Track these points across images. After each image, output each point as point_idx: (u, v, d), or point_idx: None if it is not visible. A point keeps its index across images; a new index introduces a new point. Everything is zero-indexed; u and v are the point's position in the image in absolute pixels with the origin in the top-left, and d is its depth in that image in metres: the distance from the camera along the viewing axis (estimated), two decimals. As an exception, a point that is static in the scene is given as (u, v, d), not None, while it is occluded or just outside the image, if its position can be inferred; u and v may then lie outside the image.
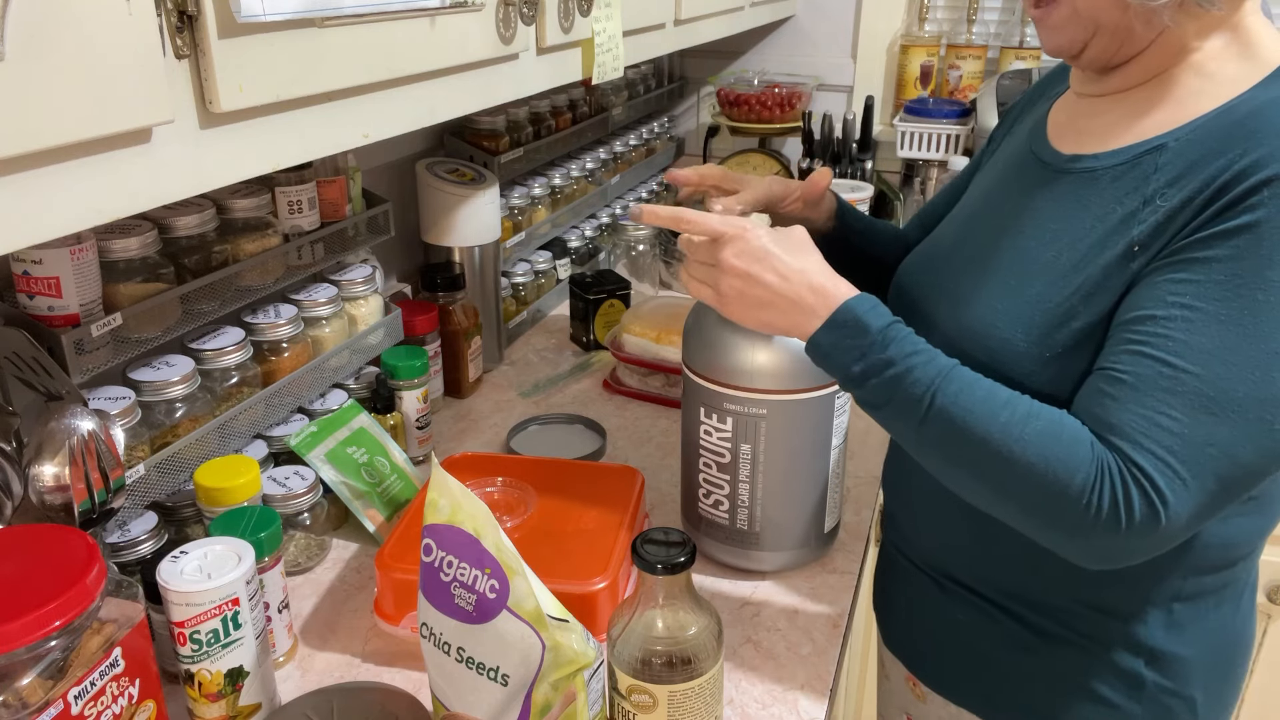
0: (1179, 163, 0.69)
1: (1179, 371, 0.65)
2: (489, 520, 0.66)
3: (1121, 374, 0.67)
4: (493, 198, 1.42)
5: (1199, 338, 0.65)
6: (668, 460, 1.24)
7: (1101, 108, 0.78)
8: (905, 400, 0.72)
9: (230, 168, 0.62)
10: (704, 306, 0.96)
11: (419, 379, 1.20)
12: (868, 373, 0.73)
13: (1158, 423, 0.65)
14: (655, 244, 1.78)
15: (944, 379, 0.71)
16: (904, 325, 0.75)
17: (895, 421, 0.74)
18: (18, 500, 0.73)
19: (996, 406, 0.69)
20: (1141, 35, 0.72)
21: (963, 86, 2.06)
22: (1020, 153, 0.85)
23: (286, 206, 1.07)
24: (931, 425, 0.71)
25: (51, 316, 0.81)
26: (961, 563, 0.87)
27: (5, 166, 0.47)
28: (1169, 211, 0.68)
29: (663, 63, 2.25)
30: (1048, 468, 0.66)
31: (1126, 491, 0.65)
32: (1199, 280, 0.65)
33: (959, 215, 0.90)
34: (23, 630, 0.57)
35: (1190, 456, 0.64)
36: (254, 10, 0.57)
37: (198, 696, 0.76)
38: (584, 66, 1.08)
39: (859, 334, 0.74)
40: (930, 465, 0.75)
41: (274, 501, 0.98)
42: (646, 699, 0.73)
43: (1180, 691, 0.81)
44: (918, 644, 0.96)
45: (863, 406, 0.76)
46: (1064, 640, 0.82)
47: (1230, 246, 0.64)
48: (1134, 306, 0.68)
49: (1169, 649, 0.80)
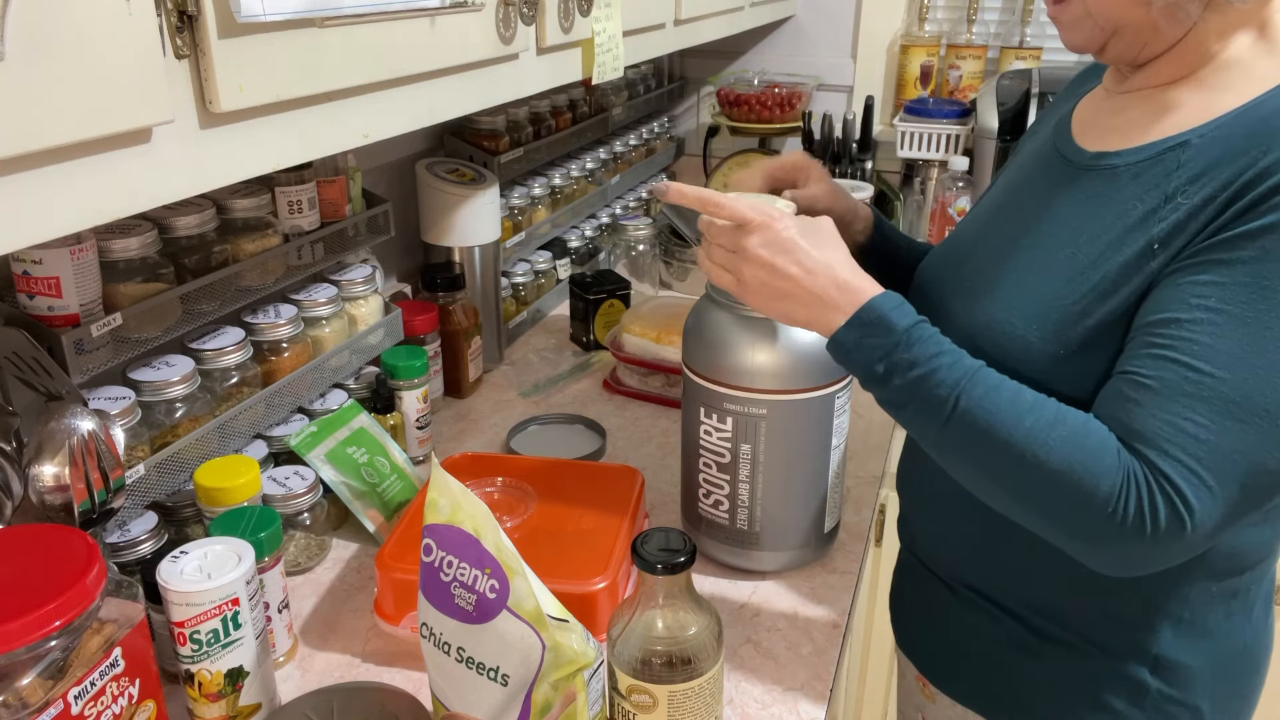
0: (1201, 160, 0.68)
1: (1204, 376, 0.64)
2: (489, 520, 0.66)
3: (1145, 379, 0.66)
4: (493, 198, 1.42)
5: (1223, 342, 0.64)
6: (668, 460, 1.24)
7: (1126, 104, 0.77)
8: (929, 402, 0.71)
9: (230, 168, 0.62)
10: (704, 306, 0.96)
11: (419, 379, 1.20)
12: (891, 372, 0.72)
13: (1184, 429, 0.64)
14: (655, 244, 1.78)
15: (969, 381, 0.70)
16: (929, 325, 0.73)
17: (918, 423, 0.73)
18: (18, 500, 0.73)
19: (1022, 410, 0.68)
20: (1168, 32, 0.71)
21: (963, 86, 2.05)
22: (1044, 150, 0.84)
23: (286, 206, 1.06)
24: (955, 428, 0.70)
25: (51, 316, 0.81)
26: (971, 566, 0.87)
27: (5, 166, 0.47)
28: (1190, 209, 0.67)
29: (663, 63, 2.25)
30: (1073, 475, 0.65)
31: (1153, 500, 0.64)
32: (1223, 283, 0.64)
33: (980, 212, 0.90)
34: (23, 630, 0.57)
35: (1216, 463, 0.63)
36: (254, 10, 0.57)
37: (198, 696, 0.76)
38: (584, 66, 1.08)
39: (883, 332, 0.72)
40: (952, 469, 0.74)
41: (274, 501, 0.98)
42: (646, 699, 0.73)
43: (1185, 701, 0.80)
44: (927, 644, 0.96)
45: (884, 407, 0.75)
46: (1069, 645, 0.81)
47: (1255, 248, 0.64)
48: (1157, 309, 0.67)
49: (1175, 657, 0.79)
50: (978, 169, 1.86)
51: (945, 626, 0.91)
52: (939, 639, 0.93)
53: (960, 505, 0.85)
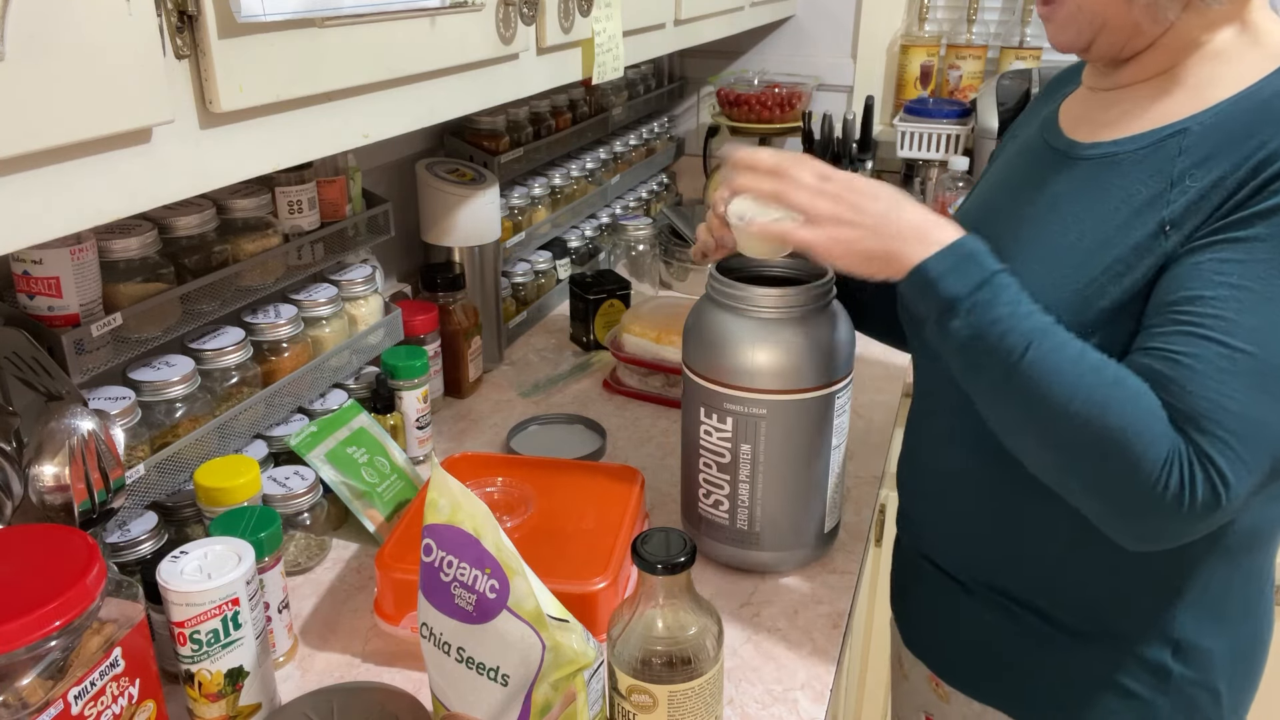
0: (1205, 145, 0.70)
1: (1235, 351, 0.65)
2: (489, 520, 0.66)
3: (1179, 356, 0.67)
4: (493, 198, 1.42)
5: (1250, 317, 0.66)
6: (668, 460, 1.24)
7: (1114, 100, 0.79)
8: (1001, 342, 0.70)
9: (230, 168, 0.62)
10: (704, 306, 0.96)
11: (419, 379, 1.20)
12: (972, 309, 0.71)
13: (1223, 405, 0.65)
14: (655, 244, 1.78)
15: (1044, 332, 0.70)
16: (1011, 275, 0.73)
17: (983, 364, 0.72)
18: (18, 500, 0.73)
19: (1086, 368, 0.68)
20: (1148, 30, 0.74)
21: (963, 86, 2.06)
22: (1034, 146, 0.86)
23: (286, 206, 1.07)
24: (1021, 374, 0.69)
25: (51, 316, 0.81)
26: (985, 562, 0.87)
27: (5, 166, 0.47)
28: (1201, 191, 0.69)
29: (663, 63, 2.25)
30: (1125, 438, 0.66)
31: (1193, 476, 0.65)
32: (1244, 260, 0.66)
33: (971, 209, 0.90)
34: (23, 630, 0.57)
35: (1250, 437, 0.65)
36: (254, 10, 0.57)
37: (198, 696, 0.76)
38: (584, 66, 1.08)
39: (976, 269, 0.72)
40: (1001, 417, 0.73)
41: (274, 501, 0.98)
42: (646, 699, 0.73)
43: (1206, 683, 0.82)
44: (941, 644, 0.96)
45: (948, 344, 0.73)
46: (1090, 635, 0.82)
47: (1271, 225, 0.66)
48: (1178, 287, 0.69)
49: (1195, 641, 0.80)
50: (978, 169, 1.86)
51: (960, 625, 0.91)
52: (954, 638, 0.93)
53: (969, 501, 0.86)
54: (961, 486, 0.86)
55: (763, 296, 0.91)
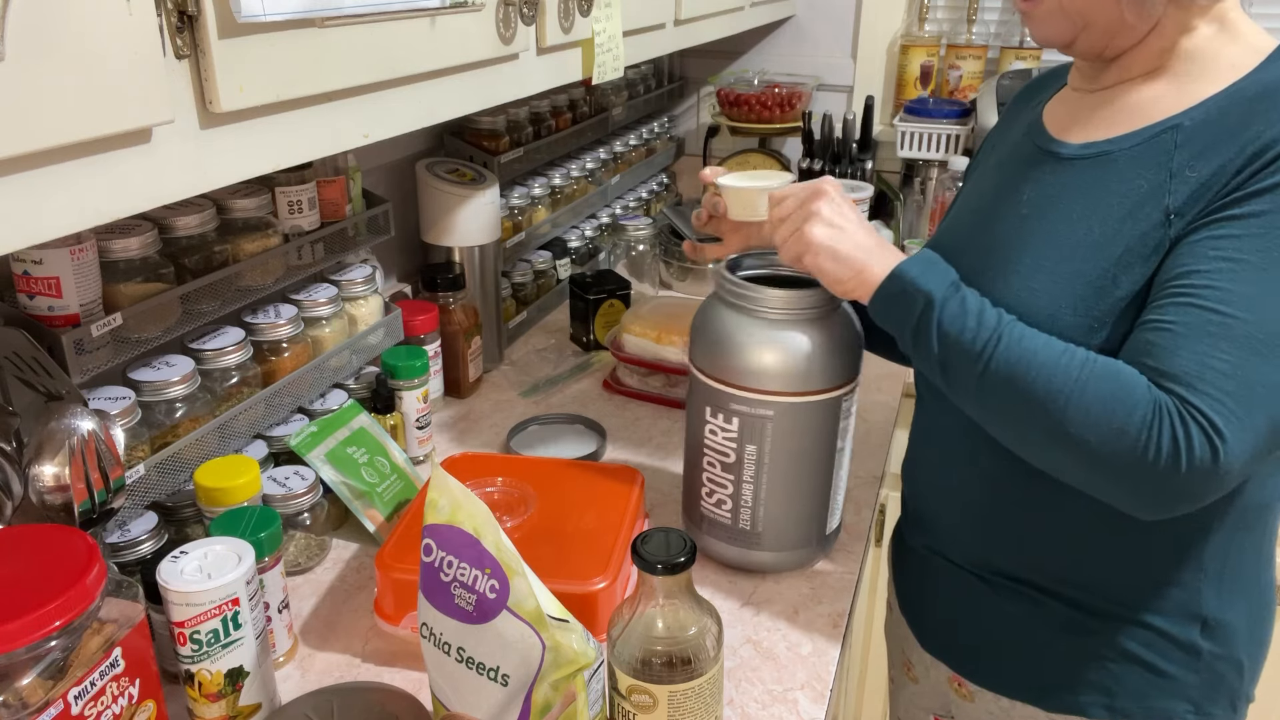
0: (1200, 138, 0.72)
1: (1226, 318, 0.67)
2: (489, 520, 0.66)
3: (1168, 324, 0.69)
4: (493, 198, 1.42)
5: (1243, 286, 0.67)
6: (668, 460, 1.24)
7: (1102, 100, 0.81)
8: (972, 343, 0.74)
9: (231, 168, 0.62)
10: (712, 305, 0.96)
11: (419, 379, 1.20)
12: (943, 309, 0.76)
13: (1210, 365, 0.66)
14: (655, 244, 1.78)
15: (1007, 325, 0.74)
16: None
17: (957, 364, 0.75)
18: (18, 500, 0.73)
19: (1056, 352, 0.72)
20: (1135, 26, 0.75)
21: (963, 86, 2.05)
22: (1022, 150, 0.86)
23: (286, 206, 1.07)
24: (994, 367, 0.73)
25: (51, 316, 0.81)
26: (1007, 554, 0.87)
27: (5, 166, 0.47)
28: (1202, 180, 0.71)
29: (663, 63, 2.25)
30: (1106, 407, 0.68)
31: (1186, 428, 0.66)
32: (1238, 235, 0.68)
33: (962, 215, 0.90)
34: (23, 630, 0.57)
35: (1244, 395, 0.66)
36: (254, 10, 0.57)
37: (198, 696, 0.76)
38: (584, 66, 1.08)
39: (942, 272, 0.78)
40: (984, 413, 0.76)
41: (274, 501, 0.98)
42: (646, 699, 0.73)
43: (1230, 657, 0.83)
44: (963, 642, 0.95)
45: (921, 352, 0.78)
46: (1118, 617, 0.83)
47: (1266, 201, 0.68)
48: (1176, 265, 0.71)
49: (1220, 616, 0.82)
50: (978, 169, 1.86)
51: (982, 620, 0.91)
52: (977, 634, 0.92)
53: (984, 494, 0.86)
54: (975, 480, 0.87)
55: (773, 297, 0.90)
